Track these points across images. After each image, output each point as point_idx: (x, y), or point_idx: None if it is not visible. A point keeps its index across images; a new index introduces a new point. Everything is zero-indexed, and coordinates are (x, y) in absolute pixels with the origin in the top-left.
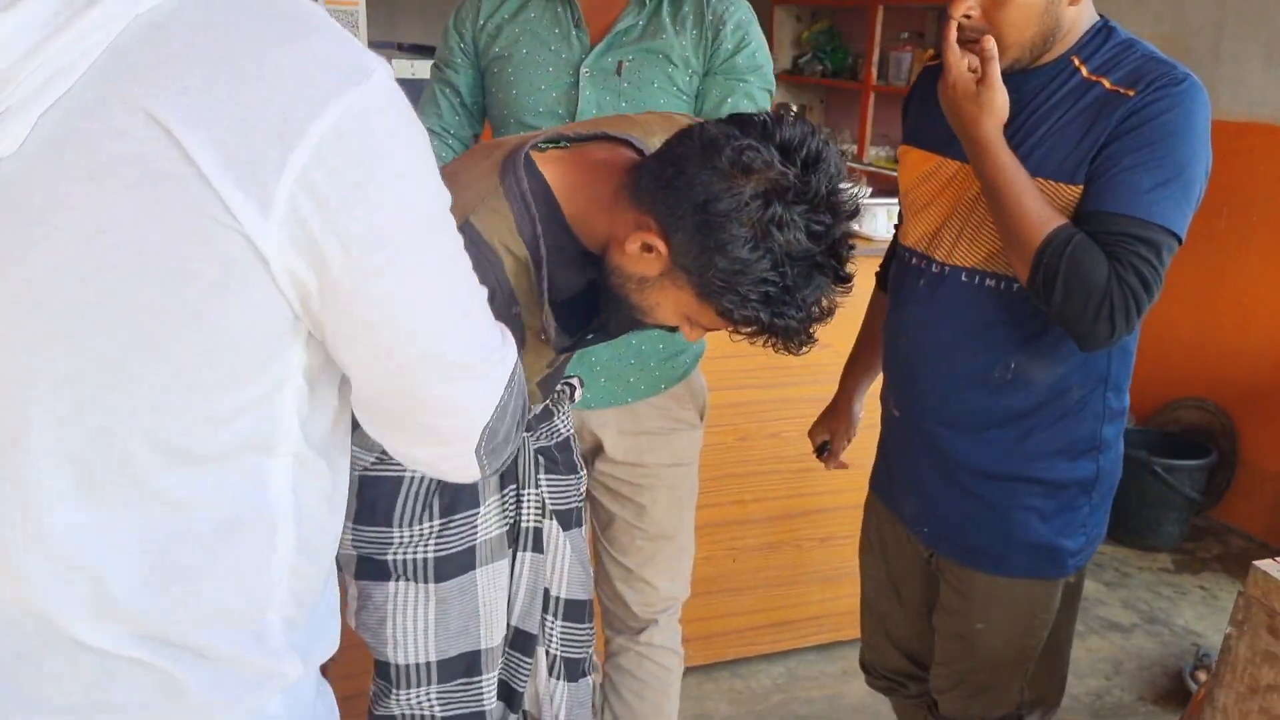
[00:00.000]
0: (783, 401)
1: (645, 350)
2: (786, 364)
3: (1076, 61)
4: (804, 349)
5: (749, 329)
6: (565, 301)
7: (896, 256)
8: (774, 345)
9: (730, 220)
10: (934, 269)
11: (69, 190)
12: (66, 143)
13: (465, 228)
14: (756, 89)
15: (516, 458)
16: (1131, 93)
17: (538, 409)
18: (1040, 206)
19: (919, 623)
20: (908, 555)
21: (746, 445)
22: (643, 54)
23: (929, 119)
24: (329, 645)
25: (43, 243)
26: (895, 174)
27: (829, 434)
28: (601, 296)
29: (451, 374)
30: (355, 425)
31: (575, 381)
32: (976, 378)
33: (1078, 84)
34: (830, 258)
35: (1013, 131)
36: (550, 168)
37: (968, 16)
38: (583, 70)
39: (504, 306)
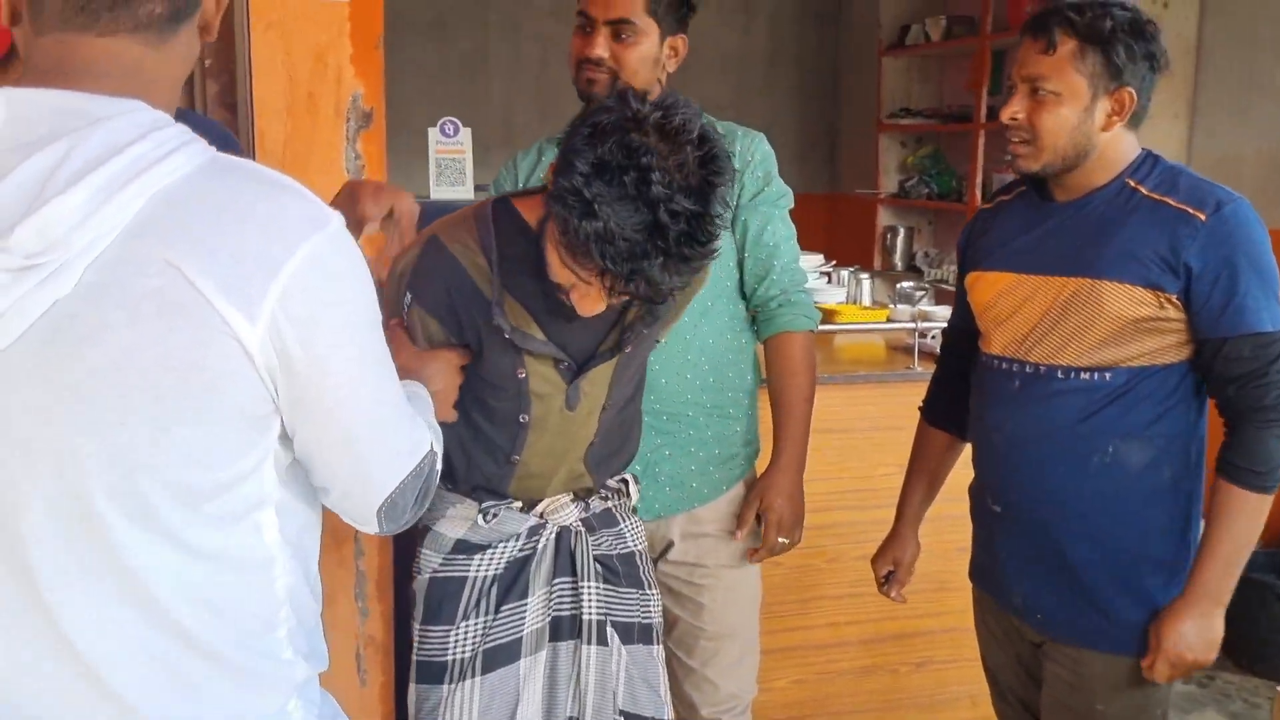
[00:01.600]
0: (873, 524)
1: (703, 456)
2: (875, 486)
3: (1132, 183)
4: (625, 294)
5: (565, 236)
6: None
7: (982, 364)
8: (605, 281)
9: (579, 123)
10: (1028, 370)
11: (110, 315)
12: (107, 284)
13: (430, 239)
14: (784, 207)
15: (574, 553)
16: (1202, 215)
17: (597, 508)
18: (1239, 539)
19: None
20: (1016, 644)
21: (837, 568)
22: None
23: (996, 245)
24: (322, 656)
25: (91, 353)
26: None
27: (894, 564)
28: None
29: (375, 443)
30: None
31: (629, 478)
32: (1077, 466)
33: (1141, 201)
34: (638, 182)
35: (1084, 244)
36: (528, 200)
37: (1014, 119)
38: None
39: (475, 307)
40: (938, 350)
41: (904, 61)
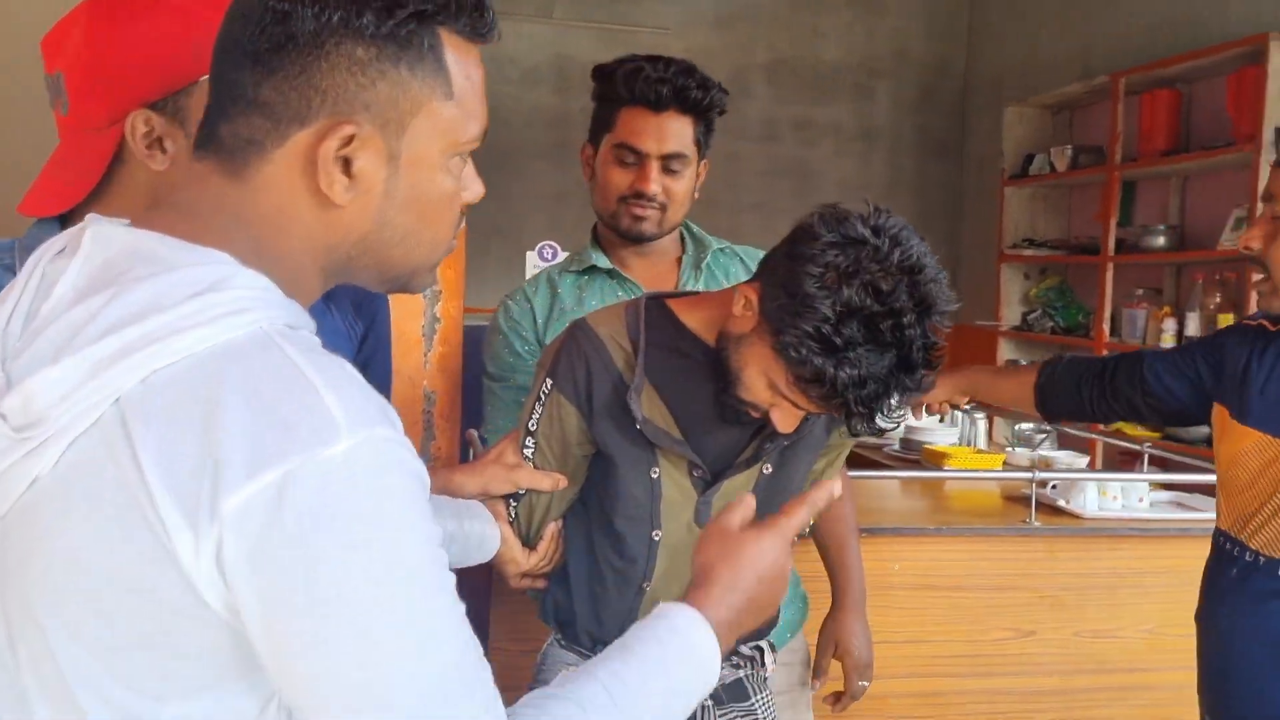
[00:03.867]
0: (985, 694)
1: None
2: (987, 652)
3: None
4: (860, 428)
5: (806, 378)
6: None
7: (1213, 539)
8: (839, 414)
9: (807, 260)
10: (1247, 557)
11: (75, 504)
12: (81, 466)
13: (578, 323)
14: None
15: None
16: None
17: (728, 679)
18: None
19: None
20: None
21: None
22: None
23: (1257, 389)
24: None
25: (55, 544)
26: (1135, 445)
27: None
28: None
29: None
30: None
31: (764, 645)
32: None
33: None
34: (894, 328)
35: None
36: (683, 301)
37: (1249, 248)
38: None
39: (614, 394)
40: (1060, 503)
41: (1028, 191)
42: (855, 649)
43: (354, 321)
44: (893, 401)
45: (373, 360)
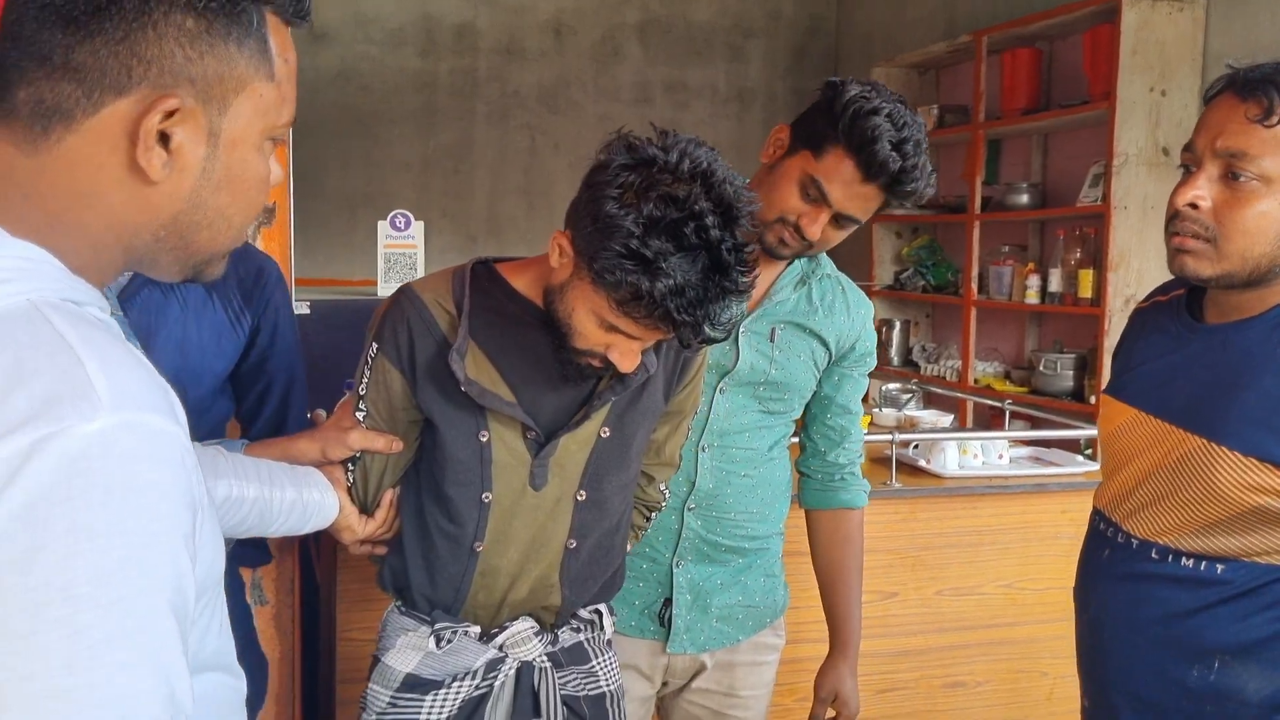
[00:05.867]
0: None
1: (751, 586)
2: None
3: None
4: (691, 340)
5: (627, 299)
6: (540, 382)
7: (1090, 517)
8: (667, 330)
9: (604, 185)
10: (1119, 539)
11: None
12: None
13: (403, 287)
14: (867, 369)
15: (537, 693)
16: None
17: (567, 641)
18: None
19: None
20: None
21: (807, 707)
22: (794, 328)
23: (1131, 364)
24: None
25: None
26: (997, 402)
27: None
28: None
29: None
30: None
31: (604, 608)
32: (1170, 676)
33: None
34: (697, 230)
35: (1214, 389)
36: (511, 264)
37: (1194, 206)
38: (741, 328)
39: (438, 356)
40: (921, 463)
41: None
42: (852, 702)
43: (242, 311)
44: (716, 308)
45: (271, 351)
